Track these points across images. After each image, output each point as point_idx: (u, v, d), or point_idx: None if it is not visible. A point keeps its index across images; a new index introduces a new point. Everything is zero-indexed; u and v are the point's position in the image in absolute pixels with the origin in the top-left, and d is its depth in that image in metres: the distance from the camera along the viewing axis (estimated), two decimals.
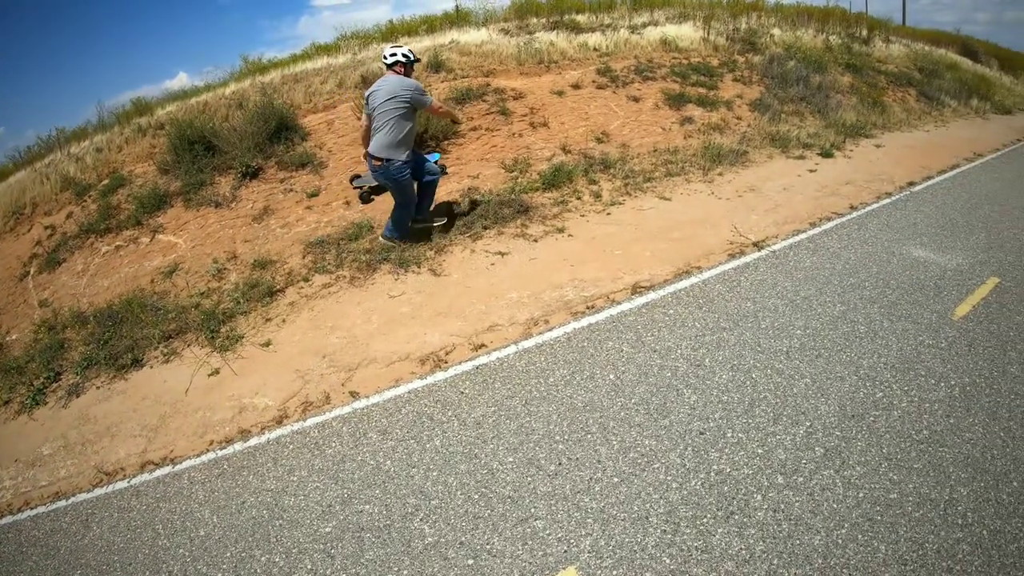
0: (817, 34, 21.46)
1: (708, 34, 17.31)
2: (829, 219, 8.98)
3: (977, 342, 6.00)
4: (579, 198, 9.38)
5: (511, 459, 4.56)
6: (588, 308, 6.52)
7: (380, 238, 8.15)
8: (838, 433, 4.65)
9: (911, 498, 4.08)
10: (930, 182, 11.44)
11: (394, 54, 7.42)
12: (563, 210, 8.93)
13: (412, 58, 7.49)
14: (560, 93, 12.39)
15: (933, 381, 5.31)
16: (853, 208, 9.43)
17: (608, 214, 8.90)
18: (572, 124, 11.64)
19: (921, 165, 12.52)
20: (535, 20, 16.80)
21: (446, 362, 5.84)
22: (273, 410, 5.52)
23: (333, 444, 4.97)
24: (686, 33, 17.06)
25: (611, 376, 5.37)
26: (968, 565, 3.62)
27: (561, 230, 8.30)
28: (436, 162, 10.25)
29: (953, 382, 5.32)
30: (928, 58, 25.26)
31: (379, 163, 7.31)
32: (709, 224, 8.58)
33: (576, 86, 12.83)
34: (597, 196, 9.44)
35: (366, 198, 9.32)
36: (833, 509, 3.98)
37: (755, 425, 4.73)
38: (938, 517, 3.94)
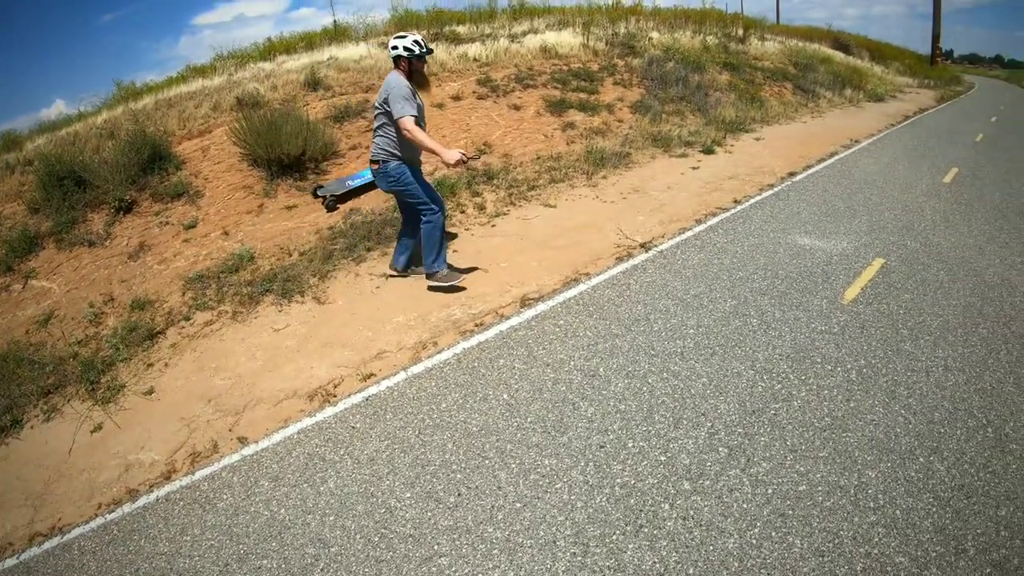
0: (695, 35, 22.24)
1: (588, 39, 17.64)
2: (714, 215, 9.16)
3: (869, 324, 6.16)
4: (463, 211, 9.23)
5: (409, 495, 4.30)
6: (477, 326, 6.34)
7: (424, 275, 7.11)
8: (740, 431, 4.61)
9: (820, 488, 4.06)
10: (810, 171, 11.91)
11: (395, 47, 6.47)
12: (447, 225, 8.76)
13: (416, 51, 6.43)
14: (440, 106, 12.28)
15: (829, 367, 5.39)
16: (737, 202, 9.69)
17: (493, 226, 8.79)
18: (453, 136, 11.53)
19: (801, 155, 12.99)
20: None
21: (335, 396, 5.54)
22: (161, 465, 5.10)
23: (225, 496, 4.60)
24: (566, 39, 17.32)
25: (505, 396, 5.19)
26: (885, 548, 3.62)
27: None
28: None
29: (849, 366, 5.41)
30: (802, 53, 26.59)
31: (375, 165, 6.73)
32: (595, 228, 8.60)
33: (456, 97, 12.75)
34: (481, 208, 9.31)
35: (332, 206, 9.34)
36: (744, 509, 3.91)
37: (656, 432, 4.63)
38: (849, 503, 3.94)
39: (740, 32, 25.19)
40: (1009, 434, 4.76)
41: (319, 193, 9.58)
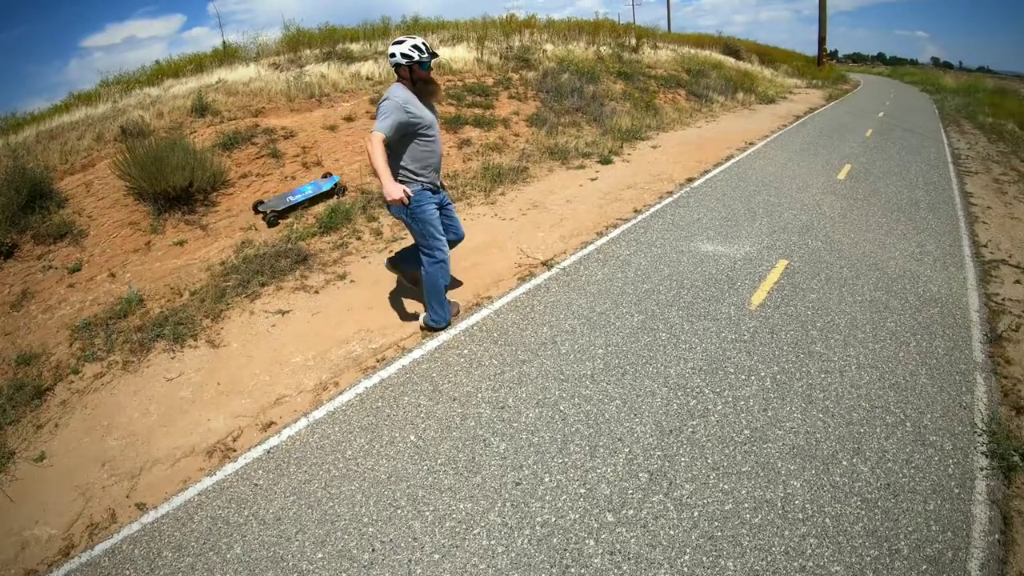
0: (589, 46, 22.50)
1: (482, 54, 17.62)
2: (615, 226, 9.11)
3: (778, 327, 6.19)
4: (359, 238, 8.93)
5: (320, 555, 4.00)
6: (379, 361, 6.04)
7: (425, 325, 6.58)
8: (659, 453, 4.49)
9: (747, 504, 3.98)
10: (708, 176, 12.09)
11: (392, 54, 5.77)
12: (343, 254, 8.44)
13: (416, 57, 5.73)
14: (333, 128, 11.95)
15: (743, 377, 5.35)
16: (637, 212, 9.69)
17: (391, 252, 8.50)
18: (347, 160, 11.23)
19: (698, 160, 13.19)
20: (308, 52, 16.27)
21: (235, 450, 5.15)
22: (58, 540, 4.62)
23: (127, 572, 4.20)
24: (460, 55, 17.24)
25: (412, 437, 4.93)
26: (819, 559, 3.59)
27: (343, 276, 7.79)
28: (337, 184, 10.22)
29: (763, 373, 5.39)
30: (694, 60, 27.28)
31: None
32: (496, 248, 8.41)
33: (349, 119, 12.43)
34: (378, 234, 9.02)
35: (272, 222, 9.13)
36: (671, 536, 3.78)
37: (572, 463, 4.46)
38: (778, 517, 3.87)
39: (633, 42, 25.61)
40: (928, 426, 4.85)
41: (260, 209, 9.44)
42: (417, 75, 5.82)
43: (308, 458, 4.86)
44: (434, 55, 5.90)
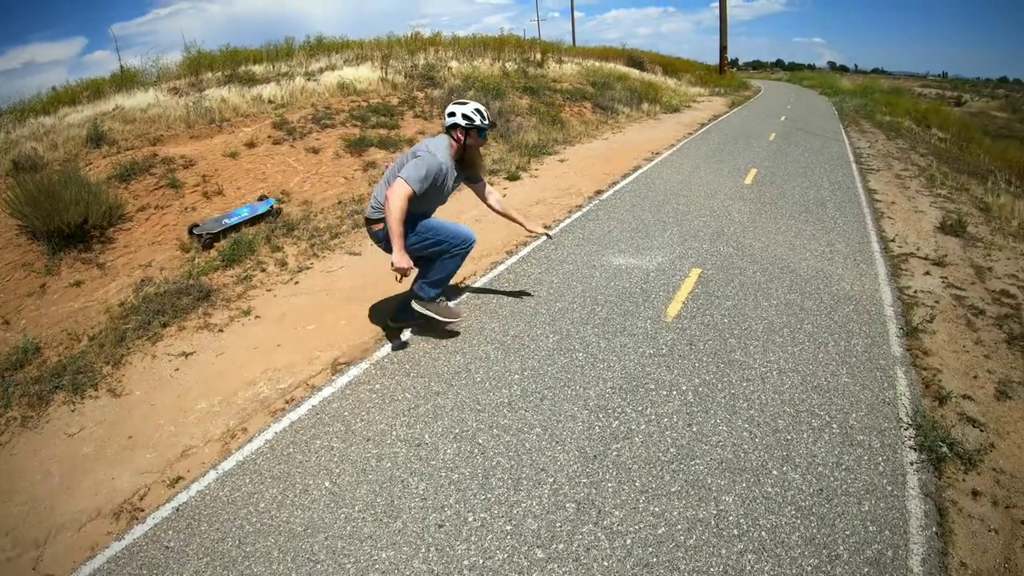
0: (494, 62, 22.57)
1: (387, 73, 17.45)
2: (525, 244, 8.98)
3: (696, 338, 6.15)
4: (263, 270, 8.57)
5: None
6: (288, 403, 5.72)
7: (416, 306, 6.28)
8: (585, 480, 4.32)
9: (680, 526, 3.87)
10: (616, 187, 12.16)
11: (451, 113, 5.65)
12: (247, 288, 8.07)
13: (477, 121, 5.62)
14: (234, 155, 11.53)
15: (665, 392, 5.26)
16: (547, 227, 9.48)
17: (297, 283, 8.19)
18: (249, 187, 10.84)
19: (605, 172, 13.26)
20: (210, 75, 15.76)
21: (142, 510, 4.76)
22: None
23: None
24: (364, 75, 17.03)
25: (327, 484, 4.64)
26: (759, 574, 3.51)
27: (247, 312, 7.42)
28: (272, 207, 10.08)
29: (684, 387, 5.31)
30: (599, 72, 27.64)
31: (376, 227, 5.86)
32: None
33: (251, 144, 12.02)
34: (283, 264, 8.68)
35: (208, 244, 8.99)
36: (605, 568, 3.63)
37: (496, 499, 4.25)
38: (713, 536, 3.78)
39: (538, 56, 25.82)
40: (854, 426, 4.87)
41: (195, 232, 9.22)
42: (472, 140, 5.74)
43: (220, 514, 4.52)
44: (493, 125, 5.83)
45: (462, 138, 5.68)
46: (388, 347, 6.31)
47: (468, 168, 5.98)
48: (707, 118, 25.45)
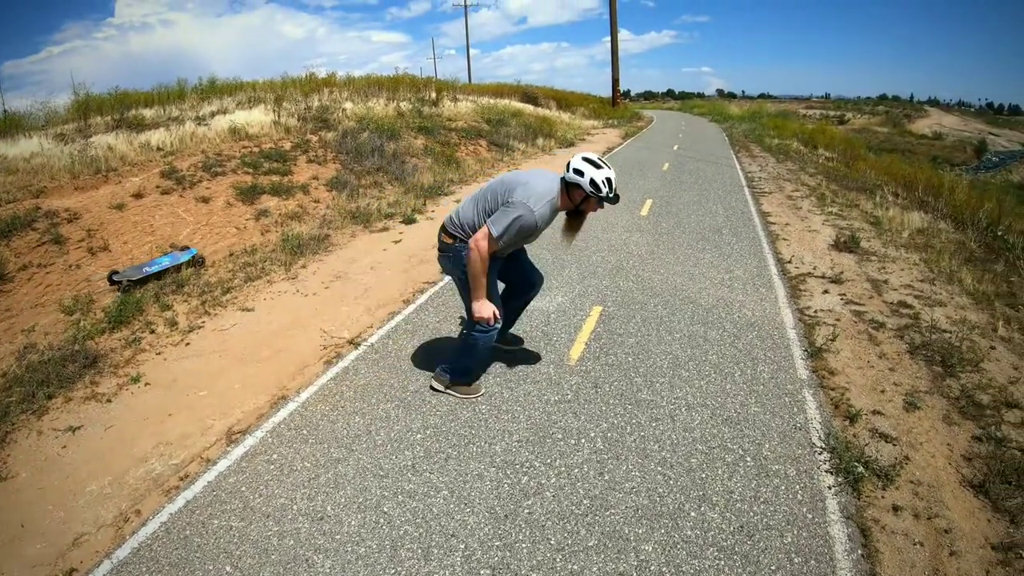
0: (389, 102, 22.42)
1: (280, 117, 17.07)
2: (422, 291, 8.72)
3: (601, 380, 6.01)
4: (153, 331, 8.07)
5: None
6: (182, 479, 5.29)
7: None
8: (498, 543, 4.10)
9: None
10: None
11: (579, 171, 4.98)
12: (136, 351, 7.57)
13: (603, 192, 4.97)
14: (121, 207, 10.94)
15: (573, 441, 5.08)
16: (444, 273, 9.27)
17: (188, 344, 7.73)
18: (137, 241, 10.30)
19: None
20: (99, 119, 15.02)
21: None
22: None
23: None
24: (256, 118, 16.58)
25: (227, 568, 4.26)
26: None
27: (136, 379, 6.93)
28: (195, 256, 9.80)
29: (593, 434, 5.15)
30: (494, 110, 27.79)
31: (448, 239, 5.32)
32: (300, 329, 7.76)
33: (139, 195, 11.44)
34: (173, 324, 8.20)
35: (127, 290, 8.73)
36: None
37: (406, 571, 3.97)
38: None
39: (433, 95, 25.83)
40: (768, 456, 4.82)
41: (115, 279, 8.96)
42: (589, 207, 5.17)
43: None
44: (617, 198, 5.15)
45: (580, 200, 5.11)
46: (285, 410, 5.93)
47: (570, 231, 5.50)
48: (601, 150, 25.82)
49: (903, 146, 71.69)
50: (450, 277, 5.69)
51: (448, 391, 5.86)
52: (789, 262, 9.91)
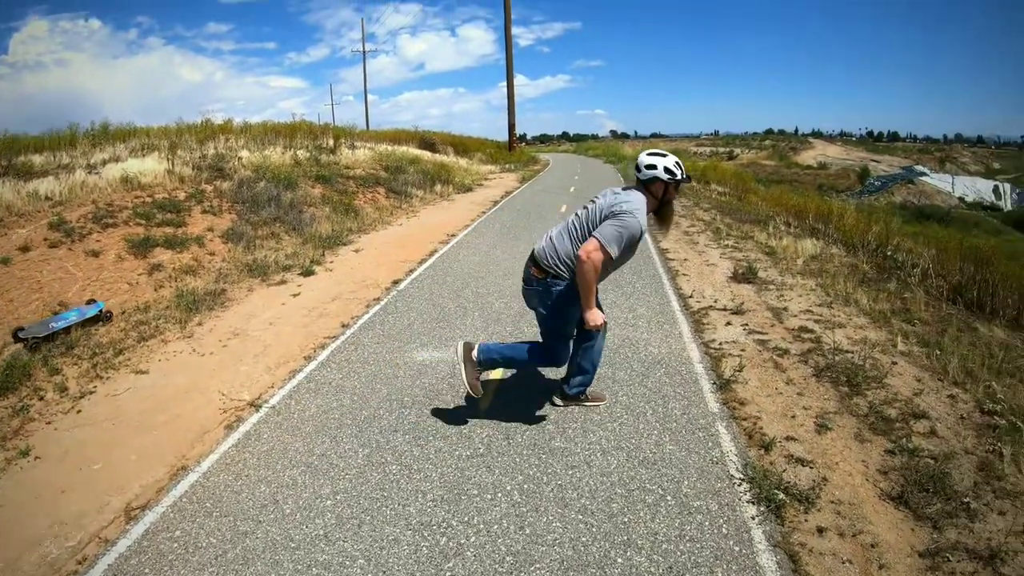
0: (286, 150, 22.06)
1: (174, 165, 16.47)
2: (324, 346, 8.34)
3: (513, 430, 5.82)
4: (41, 397, 7.45)
5: None
6: (80, 563, 4.77)
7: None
8: None
9: None
10: (413, 275, 11.88)
11: (651, 166, 5.17)
12: (24, 421, 6.93)
13: (678, 175, 5.18)
14: (5, 261, 10.21)
15: (489, 496, 4.88)
16: (345, 326, 9.03)
17: (79, 412, 7.17)
18: (23, 299, 9.63)
19: (401, 260, 12.97)
20: None
21: None
22: None
23: None
24: (150, 167, 15.94)
25: None
26: None
27: (26, 452, 6.31)
28: (102, 311, 9.40)
29: (509, 487, 4.96)
30: (392, 156, 27.81)
31: (538, 273, 5.46)
32: (197, 391, 7.26)
33: (25, 248, 10.71)
34: (63, 390, 7.62)
35: (34, 347, 8.28)
36: None
37: None
38: None
39: (331, 143, 25.55)
40: (688, 493, 4.77)
41: (21, 336, 8.49)
42: (671, 195, 5.32)
43: None
44: (689, 178, 5.55)
45: (662, 192, 5.25)
46: (186, 482, 5.48)
47: (662, 224, 5.62)
48: (499, 195, 26.04)
49: (790, 177, 75.38)
50: (533, 310, 5.78)
51: (582, 403, 6.12)
52: (691, 297, 10.04)
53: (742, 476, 4.97)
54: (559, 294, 5.33)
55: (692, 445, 5.46)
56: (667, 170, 5.13)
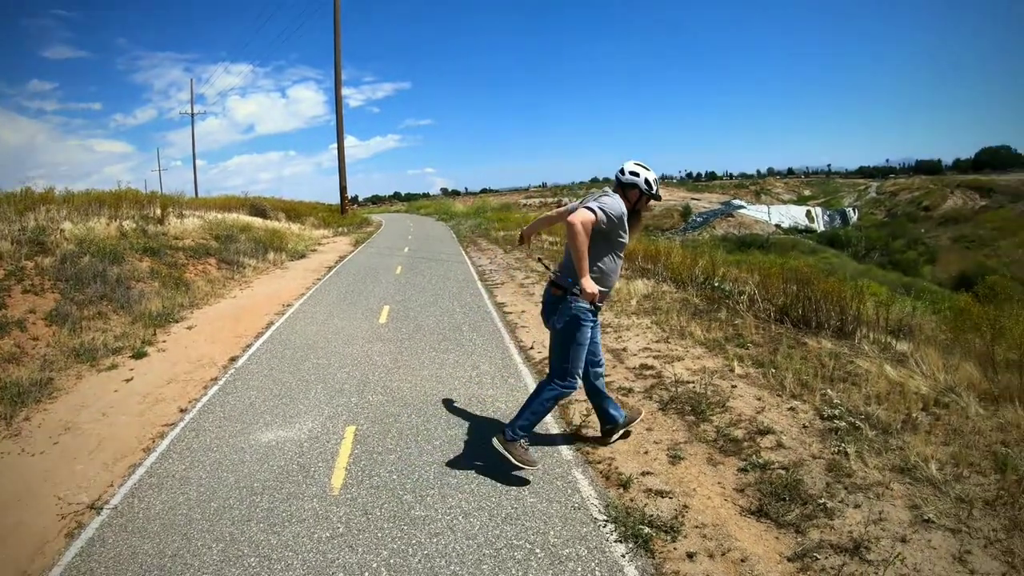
0: (111, 221, 20.72)
1: None
2: (163, 435, 7.67)
3: (370, 505, 5.63)
4: None
5: None
6: None
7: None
8: None
9: None
10: (251, 350, 11.33)
11: (634, 173, 5.57)
12: None
13: (653, 190, 5.64)
14: None
15: None
16: (184, 411, 8.41)
17: None
18: None
19: (237, 335, 12.44)
20: None
21: None
22: None
23: None
24: None
25: None
26: None
27: None
28: None
29: (375, 564, 4.76)
30: (222, 225, 26.95)
31: (557, 291, 5.71)
32: (31, 497, 6.43)
33: None
34: None
35: None
36: None
37: None
38: None
39: (158, 212, 24.30)
40: (556, 542, 4.84)
41: None
42: (642, 206, 5.76)
43: None
44: (659, 197, 5.86)
45: (635, 200, 5.64)
46: None
47: (631, 229, 5.83)
48: (333, 260, 25.67)
49: None
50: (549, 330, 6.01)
51: (510, 455, 5.90)
52: (531, 348, 10.28)
53: (606, 517, 5.13)
54: (574, 309, 5.58)
55: (552, 494, 5.57)
56: (647, 182, 5.57)
